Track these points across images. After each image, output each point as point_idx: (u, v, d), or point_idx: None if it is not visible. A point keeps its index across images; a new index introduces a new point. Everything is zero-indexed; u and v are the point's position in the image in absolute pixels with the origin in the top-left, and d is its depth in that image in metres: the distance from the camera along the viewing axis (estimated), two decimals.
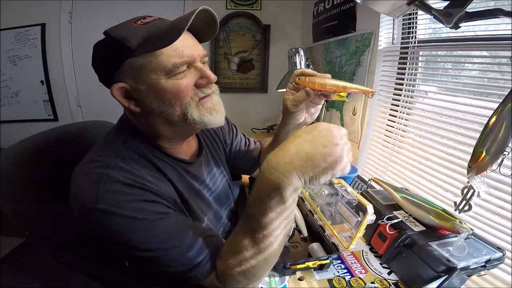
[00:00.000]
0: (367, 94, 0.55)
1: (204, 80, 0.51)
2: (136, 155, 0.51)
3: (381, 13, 0.96)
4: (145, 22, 0.48)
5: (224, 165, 0.75)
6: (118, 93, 0.48)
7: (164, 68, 0.46)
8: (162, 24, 0.48)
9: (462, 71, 0.85)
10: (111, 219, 0.42)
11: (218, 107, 0.55)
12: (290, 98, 0.61)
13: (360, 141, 1.23)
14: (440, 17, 0.54)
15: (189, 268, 0.45)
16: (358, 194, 0.62)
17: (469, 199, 0.56)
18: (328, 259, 0.61)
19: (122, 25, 0.48)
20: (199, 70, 0.50)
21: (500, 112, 0.50)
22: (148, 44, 0.45)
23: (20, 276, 1.51)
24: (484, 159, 0.51)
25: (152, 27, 0.47)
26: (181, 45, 0.47)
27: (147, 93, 0.48)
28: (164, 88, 0.47)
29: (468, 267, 0.53)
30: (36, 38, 1.71)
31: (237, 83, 1.98)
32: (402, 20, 1.02)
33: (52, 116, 1.87)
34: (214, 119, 0.53)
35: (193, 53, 0.49)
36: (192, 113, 0.50)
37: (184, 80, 0.49)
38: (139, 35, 0.45)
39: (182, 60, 0.47)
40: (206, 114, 0.51)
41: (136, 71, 0.46)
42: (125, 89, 0.48)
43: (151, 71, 0.46)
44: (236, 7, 1.85)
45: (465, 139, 0.79)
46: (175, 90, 0.48)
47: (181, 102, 0.49)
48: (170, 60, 0.46)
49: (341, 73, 1.38)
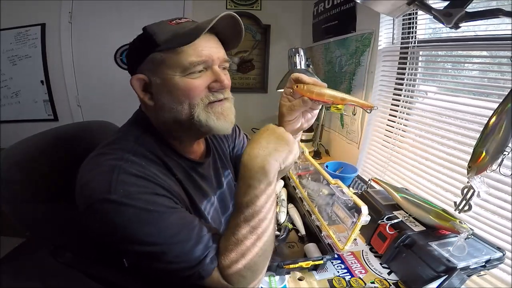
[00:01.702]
0: (366, 108, 0.52)
1: (218, 84, 0.51)
2: (148, 152, 0.51)
3: (381, 13, 0.96)
4: (179, 22, 0.51)
5: (230, 165, 0.76)
6: (137, 84, 0.50)
7: (181, 65, 0.47)
8: (189, 24, 0.50)
9: (462, 71, 0.85)
10: (122, 210, 0.42)
11: (227, 114, 0.54)
12: (286, 105, 0.58)
13: (360, 141, 1.23)
14: (440, 17, 0.54)
15: (193, 265, 0.45)
16: (353, 194, 0.62)
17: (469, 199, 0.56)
18: (321, 260, 0.61)
19: (160, 23, 0.51)
20: (214, 73, 0.51)
21: (500, 112, 0.50)
22: (172, 41, 0.47)
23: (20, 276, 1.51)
24: (484, 159, 0.51)
25: (180, 26, 0.49)
26: (201, 46, 0.48)
27: (161, 87, 0.49)
28: (176, 85, 0.48)
29: (468, 267, 0.53)
30: (36, 38, 1.71)
31: (237, 83, 1.99)
32: (402, 20, 1.02)
33: (52, 116, 1.87)
34: (220, 125, 0.52)
35: (212, 54, 0.50)
36: (199, 114, 0.50)
37: (198, 80, 0.49)
38: (168, 32, 0.48)
39: (199, 59, 0.48)
40: (213, 118, 0.51)
41: (156, 65, 0.48)
42: (144, 81, 0.50)
43: (169, 67, 0.48)
44: (236, 7, 1.85)
45: (465, 139, 0.79)
46: (187, 88, 0.49)
47: (190, 101, 0.49)
48: (188, 58, 0.47)
49: (341, 73, 1.38)
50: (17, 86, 1.80)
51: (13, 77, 1.77)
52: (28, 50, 1.73)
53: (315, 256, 0.64)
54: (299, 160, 0.93)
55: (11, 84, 1.79)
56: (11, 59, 1.74)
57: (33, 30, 1.70)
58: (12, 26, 1.68)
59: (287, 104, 0.58)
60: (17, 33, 1.70)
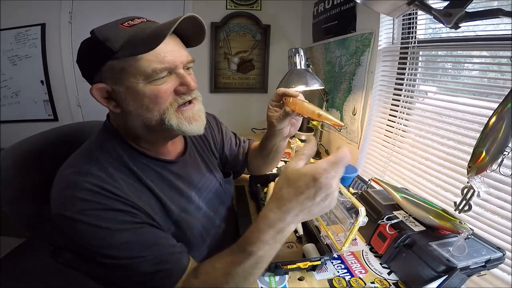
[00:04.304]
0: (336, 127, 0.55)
1: (184, 87, 0.50)
2: (111, 158, 0.51)
3: (381, 13, 0.96)
4: (132, 24, 0.48)
5: (214, 166, 0.75)
6: (98, 93, 0.49)
7: (143, 72, 0.46)
8: (148, 27, 0.48)
9: (462, 71, 0.85)
10: (75, 226, 0.43)
11: (198, 116, 0.54)
12: (275, 115, 0.66)
13: (360, 141, 1.23)
14: (440, 17, 0.54)
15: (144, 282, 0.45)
16: (352, 196, 0.62)
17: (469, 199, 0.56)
18: (319, 261, 0.61)
19: (110, 25, 0.48)
20: (179, 77, 0.50)
21: (500, 112, 0.50)
22: (130, 48, 0.45)
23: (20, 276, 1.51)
24: (484, 159, 0.51)
25: (137, 30, 0.47)
26: (163, 51, 0.46)
27: (125, 96, 0.48)
28: (142, 93, 0.47)
29: (468, 267, 0.53)
30: (36, 38, 1.71)
31: (237, 83, 1.98)
32: (402, 20, 1.02)
33: (52, 116, 1.87)
34: (192, 128, 0.53)
35: (175, 59, 0.48)
36: (170, 119, 0.50)
37: (163, 85, 0.48)
38: (123, 37, 0.45)
39: (162, 66, 0.47)
40: (185, 123, 0.51)
41: (116, 73, 0.46)
42: (105, 90, 0.48)
43: (131, 75, 0.46)
44: (236, 7, 1.85)
45: (465, 139, 0.79)
46: (153, 95, 0.47)
47: (159, 108, 0.49)
48: (150, 65, 0.46)
49: (341, 73, 1.38)
50: (17, 86, 1.80)
51: (13, 77, 1.78)
52: (28, 50, 1.73)
53: (314, 256, 0.64)
54: None
55: (11, 84, 1.79)
56: (11, 59, 1.74)
57: (33, 30, 1.70)
58: (12, 26, 1.69)
59: (275, 115, 0.66)
60: (17, 33, 1.70)
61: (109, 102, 0.50)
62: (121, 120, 0.52)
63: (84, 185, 0.44)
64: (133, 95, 0.48)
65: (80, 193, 0.44)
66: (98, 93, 0.49)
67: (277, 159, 0.82)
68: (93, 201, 0.44)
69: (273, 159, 0.81)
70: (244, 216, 0.81)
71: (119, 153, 0.52)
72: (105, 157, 0.50)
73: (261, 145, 0.78)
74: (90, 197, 0.44)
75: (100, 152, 0.51)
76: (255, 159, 0.85)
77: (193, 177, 0.65)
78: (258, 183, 0.93)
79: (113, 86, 0.48)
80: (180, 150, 0.66)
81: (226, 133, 0.84)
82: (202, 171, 0.69)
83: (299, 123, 0.70)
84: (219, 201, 0.72)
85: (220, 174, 0.76)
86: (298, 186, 0.37)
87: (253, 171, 0.91)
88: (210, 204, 0.67)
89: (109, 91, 0.48)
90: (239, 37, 1.91)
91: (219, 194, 0.72)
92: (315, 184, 0.36)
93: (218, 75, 1.93)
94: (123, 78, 0.46)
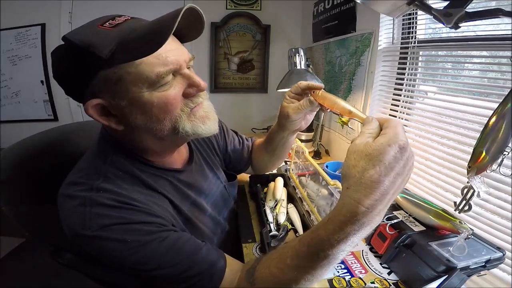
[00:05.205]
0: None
1: (194, 89, 0.46)
2: (120, 172, 0.47)
3: (381, 13, 0.96)
4: (114, 24, 0.41)
5: (218, 168, 0.74)
6: (94, 111, 0.42)
7: (146, 79, 0.40)
8: (137, 25, 0.41)
9: (462, 71, 0.85)
10: (101, 244, 0.41)
11: (210, 114, 0.51)
12: (292, 106, 0.59)
13: None
14: (440, 17, 0.54)
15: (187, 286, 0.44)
16: None
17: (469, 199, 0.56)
18: None
19: (86, 28, 0.41)
20: (186, 78, 0.45)
21: (500, 112, 0.50)
22: (125, 52, 0.38)
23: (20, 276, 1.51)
24: (484, 159, 0.51)
25: (125, 29, 0.40)
26: (164, 51, 0.40)
27: (130, 109, 0.42)
28: (149, 102, 0.41)
29: (468, 267, 0.53)
30: (36, 38, 1.71)
31: (237, 83, 1.98)
32: (402, 20, 1.02)
33: (52, 116, 1.87)
34: (208, 128, 0.49)
35: (178, 58, 0.43)
36: (185, 126, 0.46)
37: (171, 90, 0.43)
38: (111, 40, 0.38)
39: (167, 68, 0.41)
40: (200, 124, 0.48)
41: (113, 84, 0.40)
42: (102, 105, 0.42)
43: (132, 84, 0.40)
44: (236, 7, 1.85)
45: (465, 139, 0.79)
46: (162, 103, 0.42)
47: (171, 116, 0.44)
48: (153, 69, 0.40)
49: (341, 73, 1.38)
50: (17, 86, 1.80)
51: (13, 77, 1.78)
52: (28, 50, 1.73)
53: None
54: (299, 160, 0.93)
55: (11, 84, 1.79)
56: (11, 59, 1.74)
57: (33, 30, 1.70)
58: (12, 26, 1.69)
59: (292, 105, 0.60)
60: (17, 33, 1.70)
61: (109, 119, 0.44)
62: (126, 136, 0.48)
63: (101, 200, 0.41)
64: (140, 107, 0.42)
65: (98, 209, 0.41)
66: (94, 111, 0.42)
67: (283, 155, 0.80)
68: (113, 216, 0.41)
69: (279, 154, 0.78)
70: (244, 216, 0.81)
71: (128, 167, 0.49)
72: (114, 172, 0.47)
73: (267, 139, 0.75)
74: (109, 212, 0.41)
75: (108, 167, 0.47)
76: (261, 156, 0.83)
77: (201, 183, 0.63)
78: (258, 183, 0.93)
79: (111, 100, 0.41)
80: (185, 158, 0.64)
81: (228, 132, 0.83)
82: (208, 176, 0.68)
83: (311, 119, 0.65)
84: (224, 204, 0.72)
85: (224, 176, 0.75)
86: (388, 162, 0.30)
87: (257, 168, 0.89)
88: (215, 206, 0.67)
89: (107, 107, 0.42)
90: (239, 37, 1.91)
91: (224, 196, 0.72)
92: (402, 155, 0.30)
93: (218, 75, 1.93)
94: (123, 89, 0.40)
